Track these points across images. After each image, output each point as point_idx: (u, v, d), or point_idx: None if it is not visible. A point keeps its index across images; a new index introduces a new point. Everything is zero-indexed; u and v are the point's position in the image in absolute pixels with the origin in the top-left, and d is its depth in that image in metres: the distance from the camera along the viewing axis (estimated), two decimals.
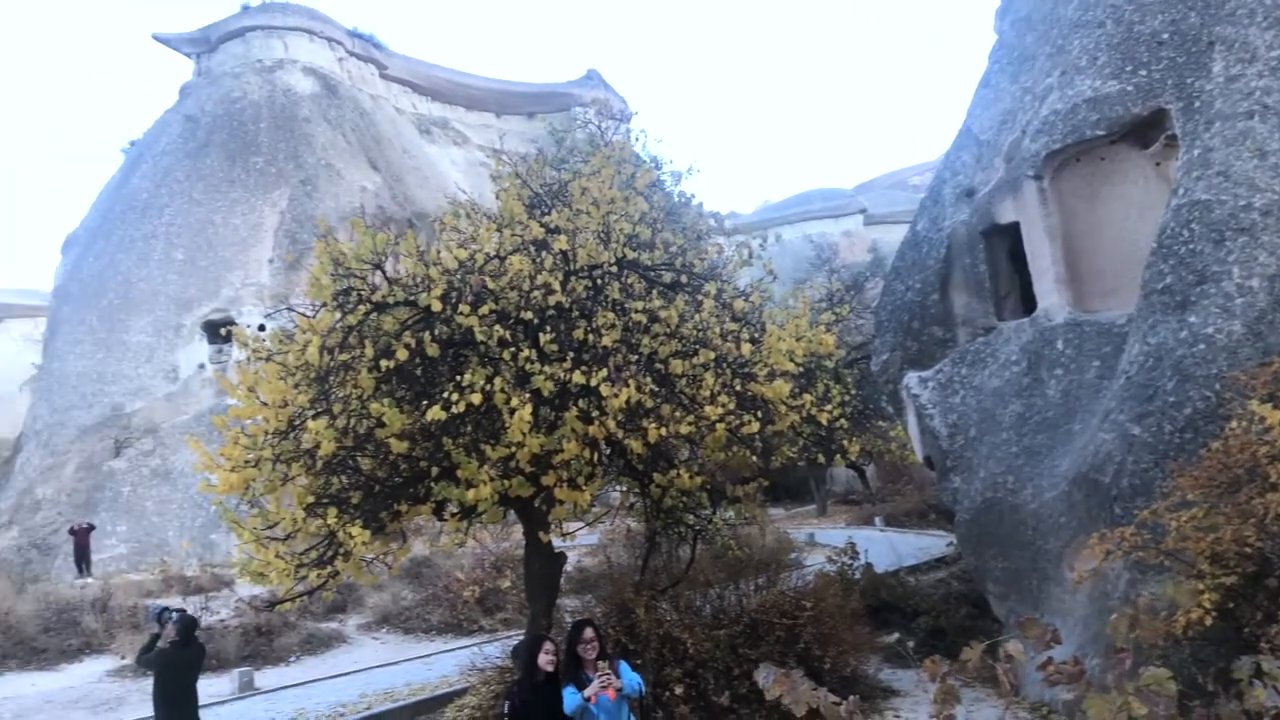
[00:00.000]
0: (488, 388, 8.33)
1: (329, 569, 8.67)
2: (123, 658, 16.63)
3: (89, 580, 25.00)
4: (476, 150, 52.95)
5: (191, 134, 40.62)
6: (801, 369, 10.85)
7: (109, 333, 35.75)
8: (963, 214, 12.42)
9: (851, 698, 2.66)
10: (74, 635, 17.98)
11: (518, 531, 16.36)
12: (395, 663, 15.64)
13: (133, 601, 20.24)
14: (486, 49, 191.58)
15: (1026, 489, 10.05)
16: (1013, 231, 11.63)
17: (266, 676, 15.19)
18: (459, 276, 9.18)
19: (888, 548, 19.01)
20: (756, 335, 10.04)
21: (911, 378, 12.54)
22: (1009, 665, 2.75)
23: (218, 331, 33.25)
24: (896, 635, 12.52)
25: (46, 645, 17.52)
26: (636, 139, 20.56)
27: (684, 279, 9.80)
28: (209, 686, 9.44)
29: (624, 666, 6.43)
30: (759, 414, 9.45)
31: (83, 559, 27.65)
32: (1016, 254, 11.77)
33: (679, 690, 9.18)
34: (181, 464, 31.96)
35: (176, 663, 8.87)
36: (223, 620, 17.46)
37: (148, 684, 9.41)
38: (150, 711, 9.29)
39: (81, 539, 27.77)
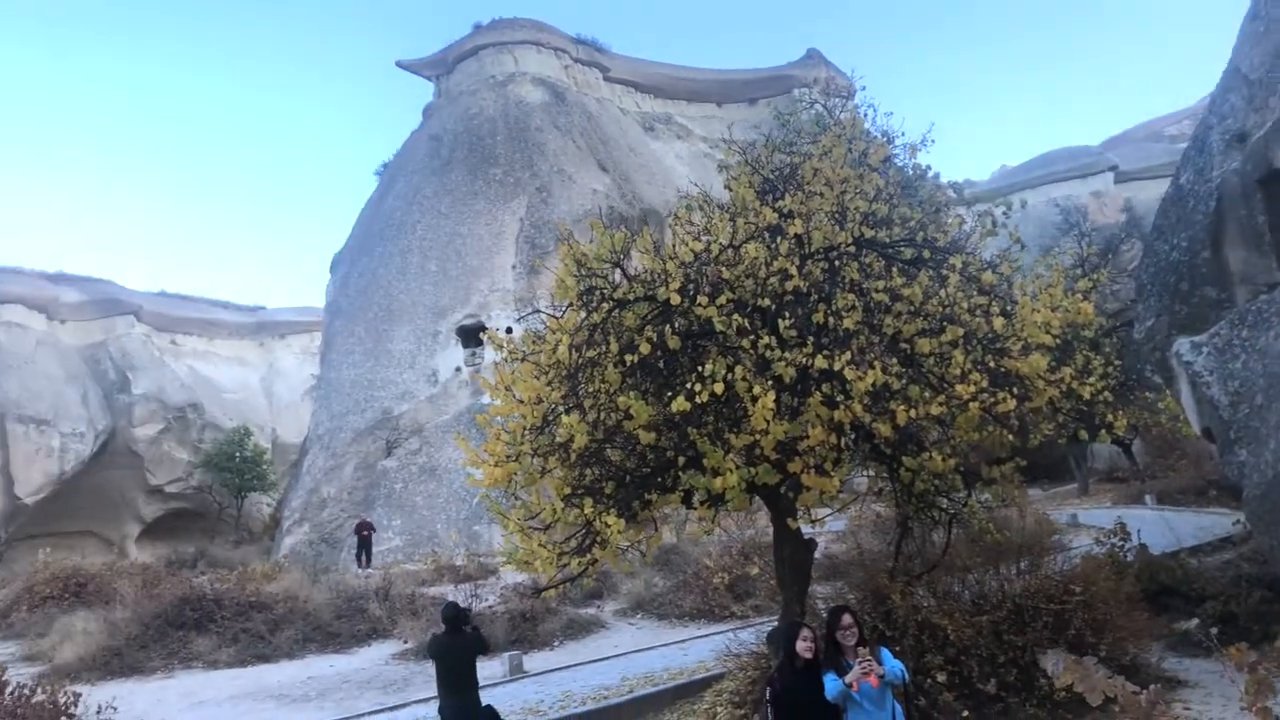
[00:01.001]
0: (729, 377, 8.41)
1: (588, 557, 9.03)
2: (405, 642, 18.05)
3: (371, 571, 27.33)
4: (700, 142, 53.36)
5: (436, 152, 43.35)
6: (1058, 341, 10.22)
7: (375, 342, 38.78)
8: (1234, 162, 11.29)
9: (1153, 686, 2.48)
10: (362, 621, 19.70)
11: (762, 519, 16.41)
12: (652, 647, 16.08)
13: (410, 590, 21.91)
14: (703, 38, 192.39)
15: None
16: None
17: (533, 660, 16.03)
18: (695, 268, 9.31)
19: (1163, 528, 17.62)
20: (1008, 308, 9.55)
21: (1182, 344, 11.54)
22: None
23: (472, 336, 35.46)
24: (1196, 621, 11.56)
25: (340, 630, 19.29)
26: (865, 114, 19.96)
27: (926, 254, 9.44)
28: (481, 669, 10.09)
29: (885, 653, 6.31)
30: (1014, 390, 8.99)
31: (365, 552, 30.38)
32: None
33: (941, 678, 8.91)
34: (445, 461, 34.24)
35: (444, 649, 9.54)
36: (490, 607, 18.56)
37: (432, 667, 10.21)
38: (434, 693, 10.06)
39: (364, 534, 30.54)
